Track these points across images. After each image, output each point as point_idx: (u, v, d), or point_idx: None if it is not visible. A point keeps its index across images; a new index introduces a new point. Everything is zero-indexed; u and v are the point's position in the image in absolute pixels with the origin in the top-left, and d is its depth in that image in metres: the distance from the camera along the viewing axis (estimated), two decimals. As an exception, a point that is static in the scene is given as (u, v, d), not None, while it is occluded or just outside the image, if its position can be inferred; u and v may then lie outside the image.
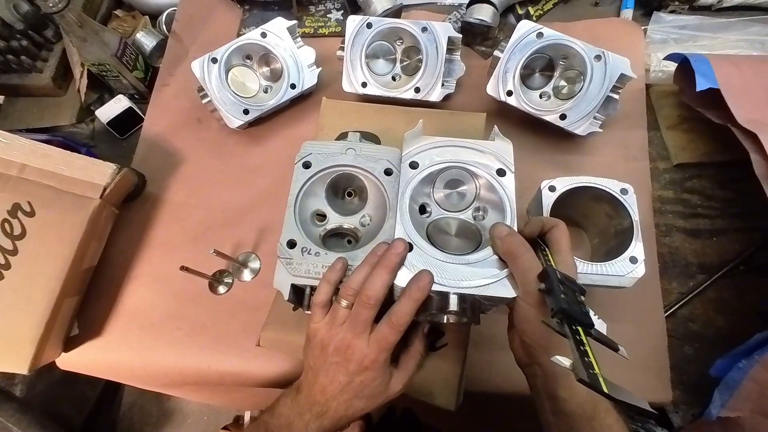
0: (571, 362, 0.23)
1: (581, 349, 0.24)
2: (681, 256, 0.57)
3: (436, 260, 0.35)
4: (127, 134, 0.68)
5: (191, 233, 0.61)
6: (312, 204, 0.42)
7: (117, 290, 0.58)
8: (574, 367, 0.23)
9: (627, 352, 0.28)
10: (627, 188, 0.47)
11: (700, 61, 0.52)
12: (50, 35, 0.69)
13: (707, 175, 0.60)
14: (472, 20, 0.64)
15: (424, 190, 0.40)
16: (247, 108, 0.60)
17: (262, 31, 0.60)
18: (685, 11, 0.67)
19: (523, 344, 0.35)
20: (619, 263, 0.45)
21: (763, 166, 0.44)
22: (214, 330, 0.56)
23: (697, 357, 0.53)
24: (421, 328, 0.39)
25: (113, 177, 0.53)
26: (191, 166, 0.65)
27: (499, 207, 0.37)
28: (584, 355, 0.23)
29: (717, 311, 0.55)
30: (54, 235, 0.49)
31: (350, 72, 0.60)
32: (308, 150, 0.42)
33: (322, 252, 0.38)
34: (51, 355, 0.52)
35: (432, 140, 0.39)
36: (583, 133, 0.55)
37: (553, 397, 0.33)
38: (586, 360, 0.23)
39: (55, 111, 0.69)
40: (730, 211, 0.58)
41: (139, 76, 0.67)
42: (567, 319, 0.26)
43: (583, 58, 0.54)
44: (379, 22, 0.58)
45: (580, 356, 0.23)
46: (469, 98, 0.64)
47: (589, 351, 0.24)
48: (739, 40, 0.64)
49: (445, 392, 0.44)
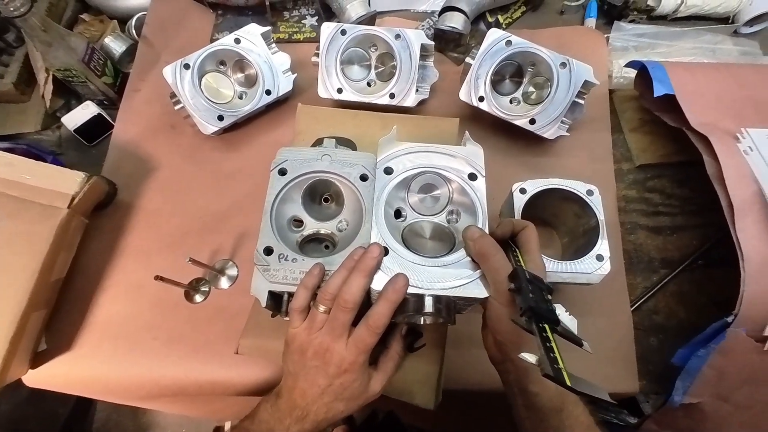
0: (537, 358, 0.24)
1: (547, 345, 0.25)
2: (645, 252, 0.60)
3: (411, 263, 0.36)
4: (96, 141, 0.66)
5: (166, 240, 0.60)
6: (289, 210, 0.42)
7: (88, 302, 0.56)
8: (540, 362, 0.24)
9: (596, 345, 0.29)
10: (593, 189, 0.49)
11: (657, 68, 0.55)
12: (11, 39, 0.66)
13: (667, 174, 0.64)
14: (444, 27, 0.66)
15: (399, 195, 0.41)
16: (221, 114, 0.59)
17: (236, 37, 0.60)
18: (644, 20, 0.71)
19: (496, 342, 0.37)
20: (586, 261, 0.47)
21: (713, 166, 0.47)
22: (192, 339, 0.55)
23: (661, 347, 0.56)
24: (399, 330, 0.40)
25: (82, 186, 0.51)
26: (165, 172, 0.64)
27: (472, 210, 0.39)
28: (550, 351, 0.25)
29: (678, 303, 0.58)
30: (20, 247, 0.48)
31: (326, 78, 0.60)
32: (284, 156, 0.42)
33: (299, 258, 0.38)
34: (17, 372, 0.50)
35: (406, 146, 0.41)
36: (552, 136, 0.57)
37: (525, 392, 0.35)
38: (551, 356, 0.24)
39: (19, 118, 0.67)
40: (688, 209, 0.62)
41: (108, 81, 0.66)
42: (534, 317, 0.27)
43: (549, 65, 0.56)
44: (353, 29, 0.59)
45: (545, 352, 0.24)
46: (443, 103, 0.66)
47: (554, 347, 0.25)
48: (693, 48, 0.68)
49: (423, 391, 0.45)
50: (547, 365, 0.23)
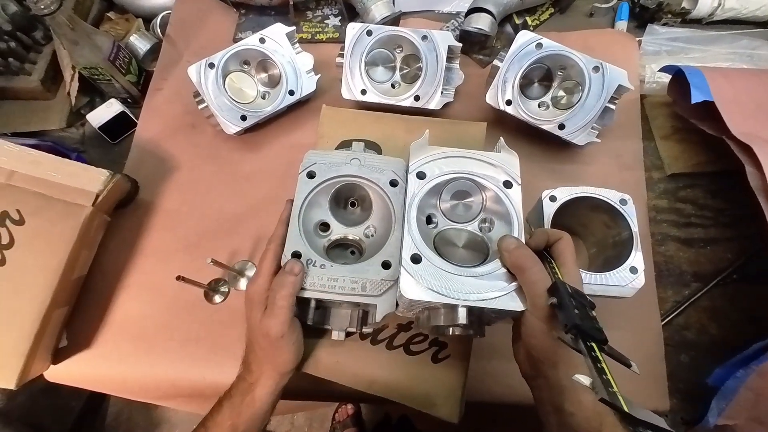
0: (591, 381, 0.23)
1: (598, 366, 0.24)
2: (675, 265, 0.58)
3: (444, 272, 0.34)
4: (119, 139, 0.67)
5: (185, 241, 0.59)
6: (315, 214, 0.41)
7: (107, 300, 0.56)
8: (594, 385, 0.22)
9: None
10: (626, 199, 0.48)
11: (695, 73, 0.53)
12: (39, 37, 0.66)
13: (700, 184, 0.61)
14: (470, 29, 0.64)
15: (431, 201, 0.39)
16: (244, 114, 0.59)
17: (261, 37, 0.59)
18: (677, 24, 0.69)
19: (529, 357, 0.35)
20: (619, 273, 0.45)
21: (757, 177, 0.45)
22: (209, 340, 0.54)
23: (692, 365, 0.54)
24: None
25: (106, 184, 0.51)
26: (185, 172, 0.64)
27: (506, 219, 0.37)
28: (602, 372, 0.23)
29: (711, 319, 0.56)
30: (44, 244, 0.48)
31: (349, 79, 0.59)
32: (312, 159, 0.41)
33: (328, 264, 0.37)
34: (39, 368, 0.50)
35: (439, 151, 0.39)
36: (582, 142, 0.56)
37: (559, 410, 0.33)
38: (604, 378, 0.23)
39: (43, 115, 0.67)
40: (723, 221, 0.59)
41: (132, 80, 0.66)
42: (580, 334, 0.26)
43: (581, 69, 0.54)
44: (379, 30, 0.58)
45: (597, 374, 0.23)
46: (466, 106, 0.64)
47: (605, 368, 0.24)
48: (728, 53, 0.66)
49: (447, 404, 0.43)
50: (601, 389, 0.22)
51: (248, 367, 0.41)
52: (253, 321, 0.39)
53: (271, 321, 0.37)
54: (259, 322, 0.38)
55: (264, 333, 0.38)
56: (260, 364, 0.40)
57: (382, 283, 0.37)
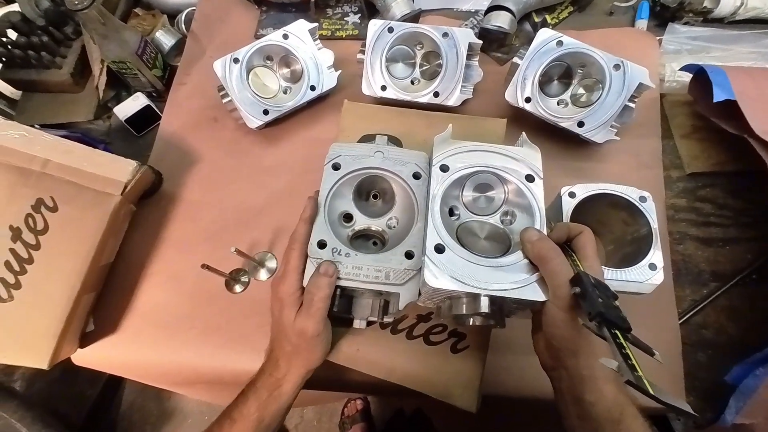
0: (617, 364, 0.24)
1: (623, 352, 0.24)
2: (694, 264, 0.58)
3: (467, 262, 0.35)
4: (143, 132, 0.68)
5: (206, 232, 0.61)
6: (339, 205, 0.42)
7: (132, 287, 0.58)
8: (620, 369, 0.23)
9: (641, 357, 0.28)
10: (646, 196, 0.48)
11: (717, 72, 0.53)
12: (70, 31, 0.69)
13: (719, 184, 0.61)
14: (489, 27, 0.65)
15: (454, 193, 0.40)
16: (267, 108, 0.60)
17: (284, 33, 0.60)
18: (698, 23, 0.68)
19: (549, 347, 0.36)
20: (638, 270, 0.45)
21: (780, 177, 0.45)
22: (229, 329, 0.56)
23: (710, 364, 0.54)
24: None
25: (134, 174, 0.53)
26: (206, 165, 0.65)
27: (528, 211, 0.38)
28: (627, 358, 0.24)
29: (729, 319, 0.55)
30: (75, 231, 0.49)
31: (370, 75, 0.60)
32: (337, 152, 0.42)
33: (352, 253, 0.38)
34: (68, 350, 0.52)
35: (462, 144, 0.40)
36: (601, 140, 0.56)
37: (580, 400, 0.34)
38: (629, 363, 0.23)
39: (71, 107, 0.69)
40: (742, 220, 0.59)
41: (158, 74, 0.68)
42: (605, 322, 0.26)
43: (602, 67, 0.54)
44: (400, 27, 0.59)
45: (623, 359, 0.23)
46: (484, 103, 0.65)
47: (630, 354, 0.24)
48: (750, 52, 0.65)
49: (466, 394, 0.44)
50: (627, 372, 0.22)
51: (275, 363, 0.42)
52: (286, 320, 0.40)
53: (308, 321, 0.39)
54: (293, 321, 0.39)
55: (299, 332, 0.39)
56: (289, 360, 0.41)
57: (405, 272, 0.37)
